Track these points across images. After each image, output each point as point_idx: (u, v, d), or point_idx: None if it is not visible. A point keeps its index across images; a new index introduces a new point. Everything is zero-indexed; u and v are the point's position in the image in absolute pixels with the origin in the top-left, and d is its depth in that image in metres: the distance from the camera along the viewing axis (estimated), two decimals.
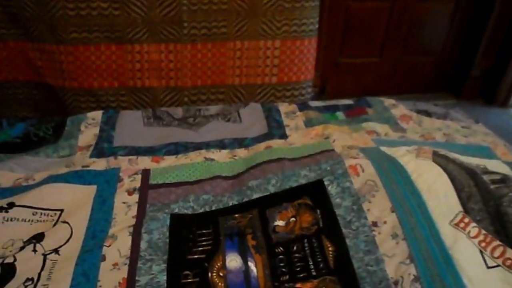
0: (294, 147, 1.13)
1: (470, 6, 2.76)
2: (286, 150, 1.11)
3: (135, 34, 1.57)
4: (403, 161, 0.97)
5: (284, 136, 1.21)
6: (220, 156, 1.13)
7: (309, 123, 1.25)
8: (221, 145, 1.17)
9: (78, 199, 1.00)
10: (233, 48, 1.64)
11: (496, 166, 1.06)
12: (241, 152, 1.15)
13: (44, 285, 0.82)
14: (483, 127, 1.30)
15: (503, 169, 1.06)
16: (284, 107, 1.33)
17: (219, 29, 1.60)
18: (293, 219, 0.94)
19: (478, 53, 2.80)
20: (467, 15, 2.77)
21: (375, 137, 1.13)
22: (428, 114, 1.32)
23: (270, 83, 1.70)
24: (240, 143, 1.18)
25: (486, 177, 0.92)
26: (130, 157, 1.13)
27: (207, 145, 1.17)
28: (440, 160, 0.97)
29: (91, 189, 1.03)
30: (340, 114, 1.32)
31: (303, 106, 1.35)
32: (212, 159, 1.12)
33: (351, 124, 1.23)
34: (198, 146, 1.17)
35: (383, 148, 1.05)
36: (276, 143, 1.16)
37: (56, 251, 0.89)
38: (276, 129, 1.23)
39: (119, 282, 0.83)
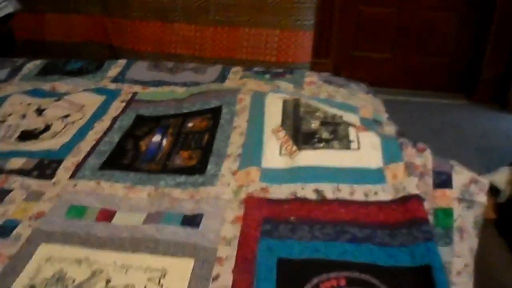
0: (221, 87, 1.77)
1: (475, 14, 2.88)
2: (215, 89, 1.75)
3: (175, 16, 2.33)
4: (267, 98, 1.56)
5: (223, 82, 1.84)
6: (181, 89, 1.81)
7: (242, 77, 1.84)
8: (184, 84, 1.85)
9: (93, 101, 1.76)
10: (243, 32, 2.31)
11: (348, 116, 1.55)
12: (194, 89, 1.81)
13: (62, 131, 1.59)
14: (371, 98, 1.73)
15: (353, 118, 1.54)
16: (234, 69, 1.95)
17: (235, 18, 2.29)
18: (198, 123, 1.58)
19: (485, 58, 2.94)
20: (472, 22, 2.93)
21: (274, 89, 1.71)
22: (330, 83, 1.81)
23: (270, 61, 2.32)
24: (196, 84, 1.84)
25: (302, 109, 1.47)
26: (130, 85, 1.87)
27: (175, 83, 1.86)
28: (290, 100, 1.53)
29: (102, 98, 1.79)
30: (267, 76, 1.84)
31: (247, 70, 1.94)
32: (175, 91, 1.81)
33: (268, 81, 1.80)
34: (170, 83, 1.86)
35: (270, 93, 1.63)
36: (215, 85, 1.80)
37: (73, 122, 1.66)
38: (220, 79, 1.86)
39: (96, 139, 1.55)
